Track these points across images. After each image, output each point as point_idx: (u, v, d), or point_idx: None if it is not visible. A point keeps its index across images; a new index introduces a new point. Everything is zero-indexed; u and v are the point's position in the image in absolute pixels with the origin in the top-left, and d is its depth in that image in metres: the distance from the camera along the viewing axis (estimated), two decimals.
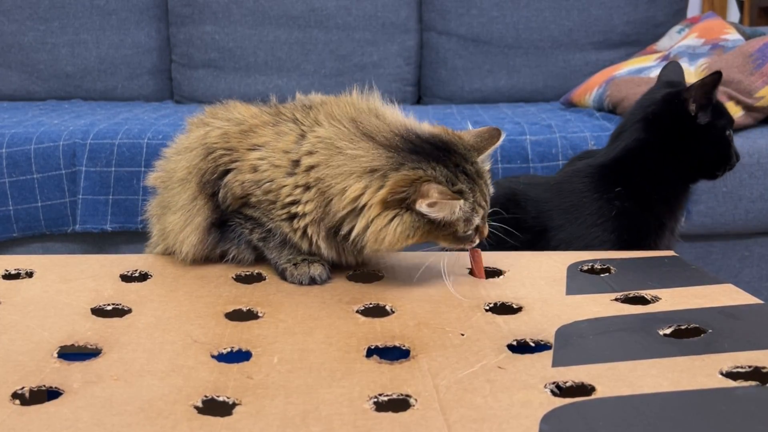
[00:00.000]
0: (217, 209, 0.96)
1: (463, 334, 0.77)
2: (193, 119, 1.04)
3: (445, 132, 0.93)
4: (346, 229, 0.89)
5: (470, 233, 0.91)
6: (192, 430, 0.58)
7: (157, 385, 0.66)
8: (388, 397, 0.64)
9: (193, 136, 1.00)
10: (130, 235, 1.81)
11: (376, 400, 0.63)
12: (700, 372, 0.67)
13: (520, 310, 0.85)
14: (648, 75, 1.97)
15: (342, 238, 0.90)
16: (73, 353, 0.73)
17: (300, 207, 0.91)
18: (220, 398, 0.63)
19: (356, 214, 0.87)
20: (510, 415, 0.60)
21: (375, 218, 0.86)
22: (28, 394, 0.64)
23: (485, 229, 0.93)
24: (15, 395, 0.64)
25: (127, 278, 0.97)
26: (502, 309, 0.86)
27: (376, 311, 0.85)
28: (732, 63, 1.83)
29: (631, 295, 0.89)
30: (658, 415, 0.60)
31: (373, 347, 0.74)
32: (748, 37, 2.08)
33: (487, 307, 0.86)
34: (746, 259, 1.86)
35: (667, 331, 0.78)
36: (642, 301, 0.88)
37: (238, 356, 0.73)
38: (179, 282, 0.95)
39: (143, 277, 0.97)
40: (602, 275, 0.98)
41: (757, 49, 1.82)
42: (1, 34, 2.48)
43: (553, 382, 0.66)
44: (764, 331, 0.78)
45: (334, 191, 0.88)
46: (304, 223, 0.91)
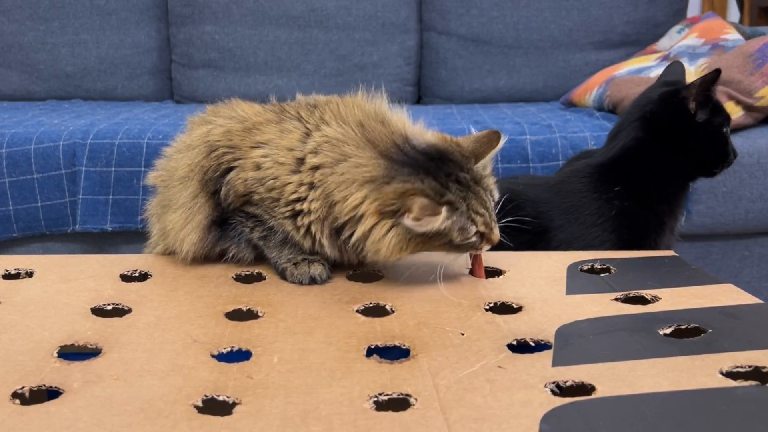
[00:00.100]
0: (218, 207, 0.96)
1: (463, 334, 0.77)
2: (194, 118, 1.04)
3: (443, 140, 0.93)
4: (347, 233, 0.90)
5: (473, 240, 0.90)
6: (192, 430, 0.58)
7: (157, 384, 0.66)
8: (388, 397, 0.64)
9: (195, 134, 1.00)
10: (130, 235, 1.81)
11: (376, 399, 0.63)
12: (700, 372, 0.67)
13: (520, 309, 0.85)
14: (648, 75, 1.97)
15: (343, 241, 0.91)
16: (73, 353, 0.73)
17: (305, 204, 0.91)
18: (220, 398, 0.63)
19: (356, 222, 0.88)
20: (510, 414, 0.60)
21: (372, 228, 0.87)
22: (28, 394, 0.64)
23: (493, 235, 0.91)
24: (15, 395, 0.64)
25: (127, 278, 0.97)
26: (502, 309, 0.86)
27: (376, 311, 0.85)
28: (732, 63, 1.83)
29: (631, 295, 0.89)
30: (658, 415, 0.60)
31: (373, 347, 0.74)
32: (748, 37, 2.08)
33: (487, 307, 0.86)
34: (746, 259, 1.86)
35: (667, 331, 0.78)
36: (642, 301, 0.88)
37: (238, 356, 0.73)
38: (179, 282, 0.95)
39: (143, 277, 0.97)
40: (602, 275, 0.98)
41: (757, 49, 1.82)
42: (1, 34, 2.48)
43: (553, 382, 0.66)
44: (764, 331, 0.78)
45: (337, 198, 0.89)
46: (308, 221, 0.92)
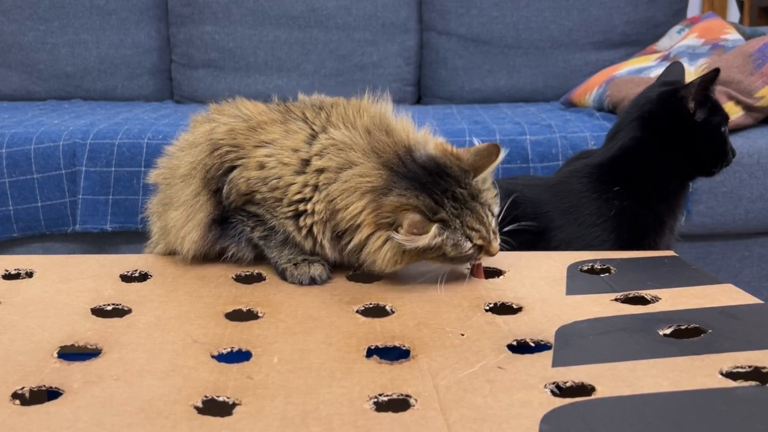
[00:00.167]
0: (220, 206, 0.96)
1: (463, 334, 0.77)
2: (197, 116, 1.04)
3: (443, 154, 0.93)
4: (347, 240, 0.90)
5: (470, 253, 0.90)
6: (192, 430, 0.58)
7: (157, 385, 0.66)
8: (388, 397, 0.64)
9: (198, 132, 1.00)
10: (130, 235, 1.81)
11: (376, 400, 0.63)
12: (700, 372, 0.67)
13: (520, 310, 0.85)
14: (648, 75, 1.97)
15: (343, 246, 0.91)
16: (73, 353, 0.73)
17: (309, 205, 0.91)
18: (220, 398, 0.63)
19: (354, 230, 0.89)
20: (510, 415, 0.60)
21: (368, 238, 0.88)
22: (28, 394, 0.64)
23: (492, 248, 0.92)
24: (15, 395, 0.64)
25: (127, 278, 0.97)
26: (502, 309, 0.86)
27: (376, 311, 0.85)
28: (732, 63, 1.83)
29: (631, 295, 0.89)
30: (658, 415, 0.60)
31: (373, 347, 0.74)
32: (748, 37, 2.07)
33: (487, 307, 0.86)
34: (746, 259, 1.86)
35: (667, 331, 0.78)
36: (642, 301, 0.88)
37: (238, 356, 0.73)
38: (179, 282, 0.95)
39: (143, 277, 0.97)
40: (602, 275, 0.98)
41: (757, 49, 1.82)
42: (1, 34, 2.47)
43: (553, 382, 0.66)
44: (764, 331, 0.78)
45: (340, 206, 0.89)
46: (311, 221, 0.92)
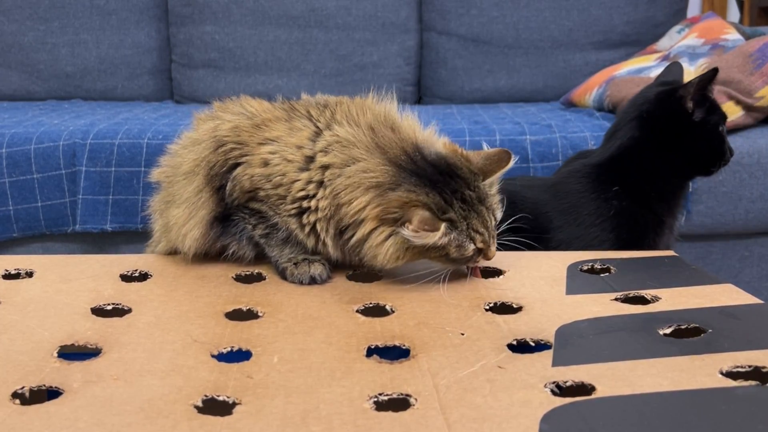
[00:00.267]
0: (222, 203, 0.97)
1: (463, 334, 0.77)
2: (200, 114, 1.04)
3: (453, 154, 0.93)
4: (349, 235, 0.90)
5: (470, 255, 0.91)
6: (192, 430, 0.58)
7: (157, 384, 0.66)
8: (388, 397, 0.64)
9: (202, 130, 1.00)
10: (130, 235, 1.81)
11: (376, 399, 0.63)
12: (700, 372, 0.67)
13: (520, 309, 0.85)
14: (648, 75, 1.97)
15: (345, 241, 0.91)
16: (73, 353, 0.73)
17: (313, 202, 0.91)
18: (220, 398, 0.63)
19: (357, 225, 0.89)
20: (510, 414, 0.60)
21: (370, 233, 0.88)
22: (28, 394, 0.64)
23: (490, 252, 0.92)
24: (15, 395, 0.64)
25: (127, 278, 0.97)
26: (502, 309, 0.86)
27: (376, 311, 0.85)
28: (732, 63, 1.83)
29: (631, 295, 0.89)
30: (658, 415, 0.60)
31: (373, 347, 0.74)
32: (748, 37, 2.07)
33: (487, 307, 0.86)
34: (746, 259, 1.86)
35: (667, 331, 0.78)
36: (642, 301, 0.88)
37: (238, 356, 0.73)
38: (179, 282, 0.95)
39: (143, 277, 0.97)
40: (602, 275, 0.98)
41: (757, 49, 1.82)
42: (1, 34, 2.47)
43: (553, 382, 0.66)
44: (764, 331, 0.78)
45: (344, 201, 0.89)
46: (314, 218, 0.92)
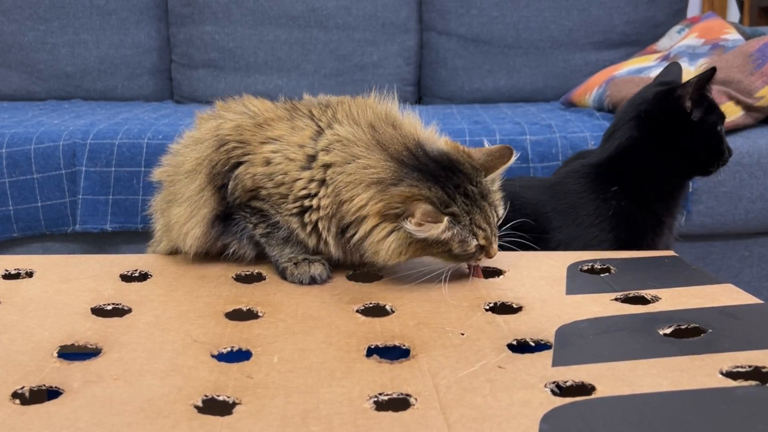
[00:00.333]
0: (223, 202, 0.97)
1: (463, 334, 0.77)
2: (203, 114, 1.04)
3: (455, 150, 0.93)
4: (351, 232, 0.90)
5: (473, 252, 0.91)
6: (192, 430, 0.58)
7: (157, 384, 0.66)
8: (388, 397, 0.64)
9: (204, 128, 1.00)
10: (130, 235, 1.81)
11: (376, 399, 0.63)
12: (700, 372, 0.67)
13: (520, 309, 0.85)
14: (648, 75, 1.97)
15: (347, 240, 0.91)
16: (73, 353, 0.73)
17: (315, 200, 0.91)
18: (221, 398, 0.63)
19: (359, 222, 0.89)
20: (510, 414, 0.60)
21: (372, 229, 0.88)
22: (28, 394, 0.64)
23: (492, 250, 0.92)
24: (15, 395, 0.64)
25: (127, 278, 0.97)
26: (502, 309, 0.86)
27: (376, 311, 0.85)
28: (732, 63, 1.83)
29: (631, 295, 0.89)
30: (658, 415, 0.60)
31: (373, 347, 0.74)
32: (748, 37, 2.07)
33: (487, 307, 0.86)
34: (746, 259, 1.86)
35: (667, 331, 0.78)
36: (642, 301, 0.88)
37: (238, 356, 0.73)
38: (179, 282, 0.95)
39: (143, 277, 0.97)
40: (602, 275, 0.98)
41: (757, 49, 1.82)
42: (1, 34, 2.47)
43: (553, 382, 0.66)
44: (764, 331, 0.78)
45: (345, 198, 0.89)
46: (316, 217, 0.92)
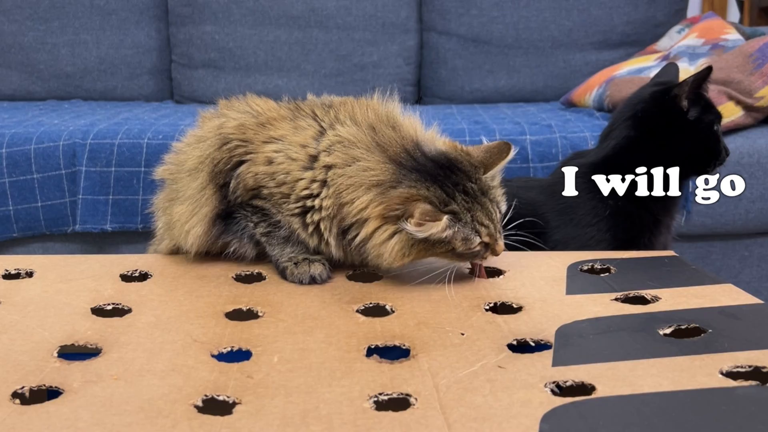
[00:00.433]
0: (225, 200, 0.97)
1: (463, 334, 0.77)
2: (206, 113, 1.05)
3: (453, 149, 0.93)
4: (353, 234, 0.90)
5: (477, 250, 0.91)
6: (192, 429, 0.58)
7: (157, 384, 0.66)
8: (389, 396, 0.64)
9: (206, 127, 1.00)
10: (130, 235, 1.81)
11: (376, 399, 0.63)
12: (700, 372, 0.67)
13: (520, 309, 0.85)
14: (648, 75, 1.96)
15: (348, 241, 0.91)
16: (73, 353, 0.73)
17: (317, 201, 0.91)
18: (221, 397, 0.63)
19: (361, 224, 0.89)
20: (510, 414, 0.60)
21: (374, 232, 0.88)
22: (28, 394, 0.64)
23: (498, 246, 0.92)
24: (15, 394, 0.64)
25: (127, 278, 0.97)
26: (502, 309, 0.86)
27: (376, 311, 0.85)
28: (732, 63, 1.83)
29: (631, 295, 0.89)
30: (658, 415, 0.60)
31: (373, 347, 0.74)
32: (748, 37, 2.07)
33: (487, 307, 0.86)
34: (746, 259, 1.86)
35: (667, 331, 0.78)
36: (642, 301, 0.88)
37: (238, 355, 0.73)
38: (179, 282, 0.95)
39: (143, 277, 0.97)
40: (602, 275, 0.98)
41: (757, 49, 1.82)
42: (1, 34, 2.47)
43: (553, 382, 0.66)
44: (764, 331, 0.78)
45: (346, 200, 0.89)
46: (318, 217, 0.92)
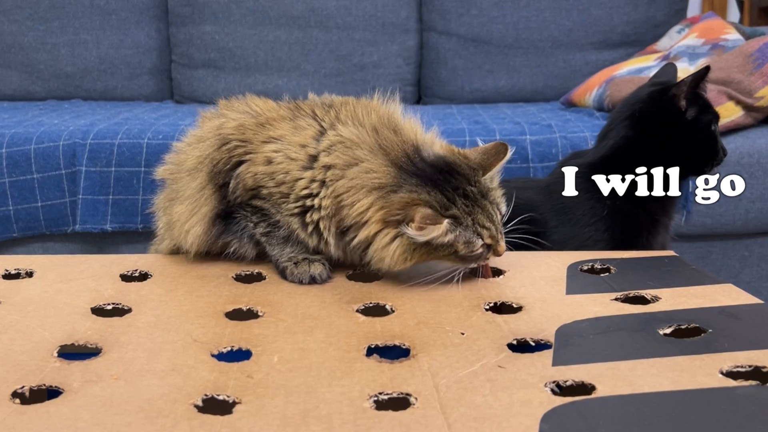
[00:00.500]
0: (224, 200, 0.97)
1: (463, 333, 0.77)
2: (206, 112, 1.05)
3: (451, 152, 0.94)
4: (351, 235, 0.90)
5: (480, 252, 0.91)
6: (192, 429, 0.58)
7: (158, 384, 0.66)
8: (389, 396, 0.64)
9: (206, 127, 1.00)
10: (130, 235, 1.81)
11: (376, 398, 0.63)
12: (700, 372, 0.67)
13: (520, 309, 0.85)
14: (648, 75, 1.96)
15: (347, 242, 0.91)
16: (73, 353, 0.73)
17: (316, 200, 0.91)
18: (221, 397, 0.63)
19: (360, 226, 0.89)
20: (510, 414, 0.60)
21: (375, 235, 0.88)
22: (28, 393, 0.64)
23: (500, 247, 0.92)
24: (15, 394, 0.64)
25: (127, 278, 0.97)
26: (502, 308, 0.86)
27: (376, 310, 0.85)
28: (732, 63, 1.83)
29: (631, 295, 0.89)
30: (658, 415, 0.60)
31: (373, 346, 0.74)
32: (748, 37, 2.07)
33: (487, 307, 0.86)
34: (746, 259, 1.86)
35: (667, 331, 0.78)
36: (642, 300, 0.88)
37: (238, 355, 0.73)
38: (179, 281, 0.95)
39: (143, 277, 0.97)
40: (602, 275, 0.98)
41: (757, 49, 1.82)
42: (1, 34, 2.47)
43: (554, 381, 0.66)
44: (764, 331, 0.78)
45: (346, 202, 0.89)
46: (317, 217, 0.92)
